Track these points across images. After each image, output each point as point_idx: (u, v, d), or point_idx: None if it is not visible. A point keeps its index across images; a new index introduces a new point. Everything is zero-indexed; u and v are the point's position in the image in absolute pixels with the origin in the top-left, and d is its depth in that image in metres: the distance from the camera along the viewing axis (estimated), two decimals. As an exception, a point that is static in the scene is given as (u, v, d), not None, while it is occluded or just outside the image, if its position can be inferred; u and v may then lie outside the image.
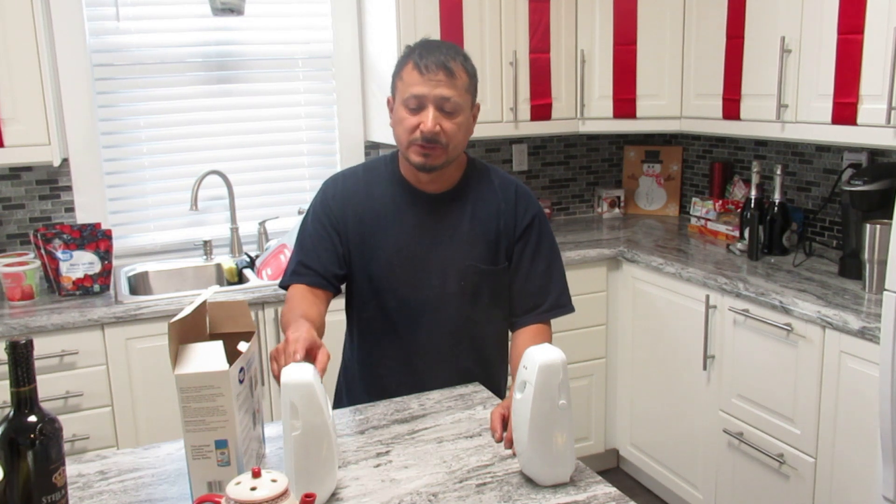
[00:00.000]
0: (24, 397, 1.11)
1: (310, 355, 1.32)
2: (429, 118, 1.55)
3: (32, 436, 1.10)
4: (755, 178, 2.75)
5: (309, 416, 1.22)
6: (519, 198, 1.73)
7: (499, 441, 1.46)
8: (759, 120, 2.62)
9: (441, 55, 1.56)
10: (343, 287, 1.76)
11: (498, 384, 1.82)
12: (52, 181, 2.81)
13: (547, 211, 3.50)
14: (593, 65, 3.12)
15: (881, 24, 2.14)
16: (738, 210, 2.95)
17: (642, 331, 2.89)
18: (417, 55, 1.57)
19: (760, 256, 2.71)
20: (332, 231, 1.69)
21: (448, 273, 1.68)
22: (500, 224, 1.70)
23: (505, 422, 1.47)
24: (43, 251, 2.51)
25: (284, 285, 1.70)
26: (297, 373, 1.23)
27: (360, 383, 1.79)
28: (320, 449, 1.23)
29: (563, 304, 1.77)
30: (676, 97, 3.04)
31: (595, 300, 2.99)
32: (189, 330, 1.29)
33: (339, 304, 1.80)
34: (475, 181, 1.72)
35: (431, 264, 1.68)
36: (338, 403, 1.80)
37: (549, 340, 1.70)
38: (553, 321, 1.76)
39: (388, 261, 1.68)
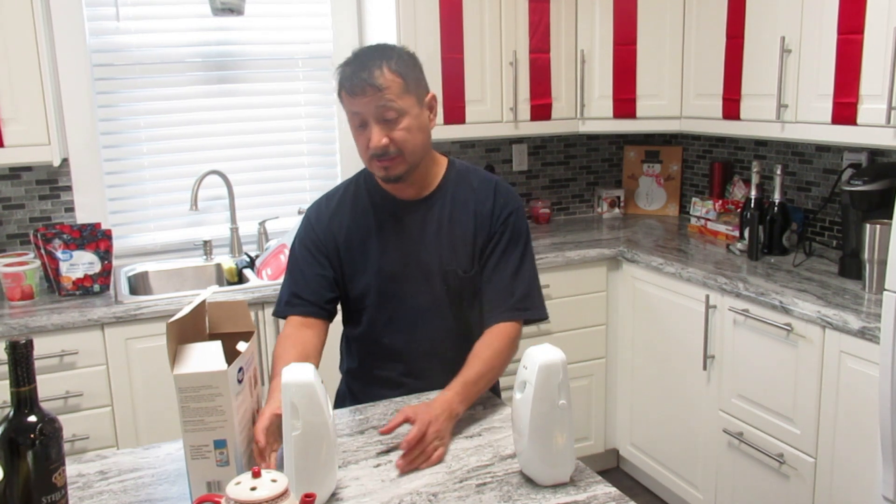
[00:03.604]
0: (24, 397, 1.11)
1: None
2: (373, 135, 1.54)
3: (32, 436, 1.10)
4: (755, 178, 2.75)
5: (309, 416, 1.22)
6: (497, 195, 1.69)
7: (382, 433, 1.45)
8: (759, 120, 2.62)
9: (363, 71, 1.52)
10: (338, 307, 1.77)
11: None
12: (52, 181, 2.81)
13: (546, 211, 3.50)
14: (593, 65, 3.12)
15: (881, 24, 2.14)
16: (738, 210, 2.95)
17: (642, 331, 2.89)
18: (344, 76, 1.55)
19: (760, 256, 2.71)
20: (320, 255, 1.69)
21: (434, 279, 1.67)
22: (477, 223, 1.67)
23: (406, 422, 1.43)
24: (43, 251, 2.51)
25: (279, 316, 1.72)
26: (298, 373, 1.23)
27: (360, 388, 1.78)
28: (320, 449, 1.23)
29: (527, 308, 1.67)
30: (676, 97, 3.04)
31: (595, 300, 2.99)
32: (188, 330, 1.29)
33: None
34: (453, 184, 1.70)
35: (417, 273, 1.67)
36: (340, 404, 1.80)
37: (508, 343, 1.62)
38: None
39: (377, 274, 1.68)
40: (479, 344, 1.61)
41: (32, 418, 1.11)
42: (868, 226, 2.22)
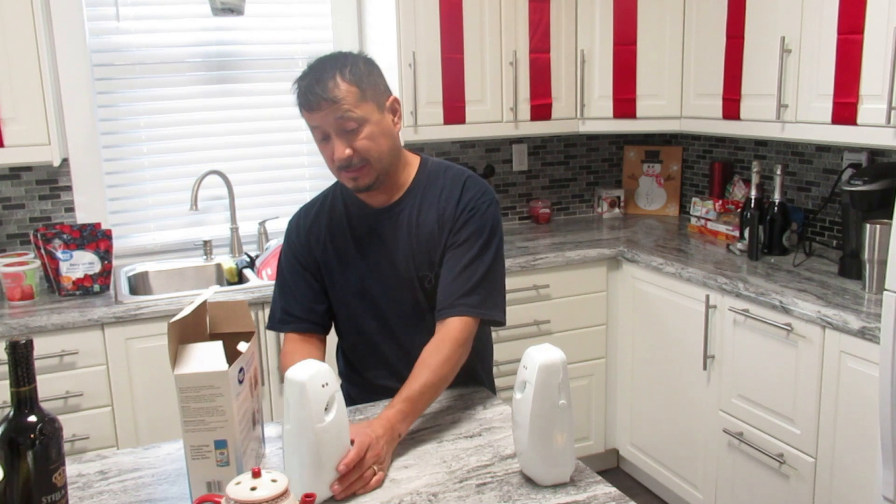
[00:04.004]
0: (24, 397, 1.11)
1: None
2: (336, 147, 1.52)
3: (32, 436, 1.10)
4: (755, 178, 2.75)
5: (299, 413, 1.23)
6: (465, 191, 1.63)
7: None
8: (759, 120, 2.62)
9: (315, 85, 1.49)
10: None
11: (481, 380, 1.79)
12: (52, 181, 2.81)
13: (546, 211, 3.50)
14: (593, 65, 3.12)
15: (881, 24, 2.14)
16: (738, 210, 2.95)
17: (642, 331, 2.89)
18: (300, 92, 1.53)
19: (760, 256, 2.71)
20: (303, 269, 1.69)
21: (412, 286, 1.65)
22: (441, 223, 1.62)
23: (360, 455, 1.31)
24: (43, 251, 2.51)
25: (274, 330, 1.73)
26: (298, 371, 1.24)
27: (357, 393, 1.78)
28: (307, 446, 1.24)
29: (476, 305, 1.57)
30: (676, 97, 3.04)
31: (595, 300, 2.99)
32: (189, 330, 1.29)
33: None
34: (423, 185, 1.66)
35: (397, 279, 1.65)
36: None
37: (457, 346, 1.54)
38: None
39: (358, 284, 1.67)
40: (427, 348, 1.54)
41: (32, 418, 1.11)
42: (868, 226, 2.22)
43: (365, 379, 1.75)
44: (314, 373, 1.24)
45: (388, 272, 1.65)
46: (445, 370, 1.52)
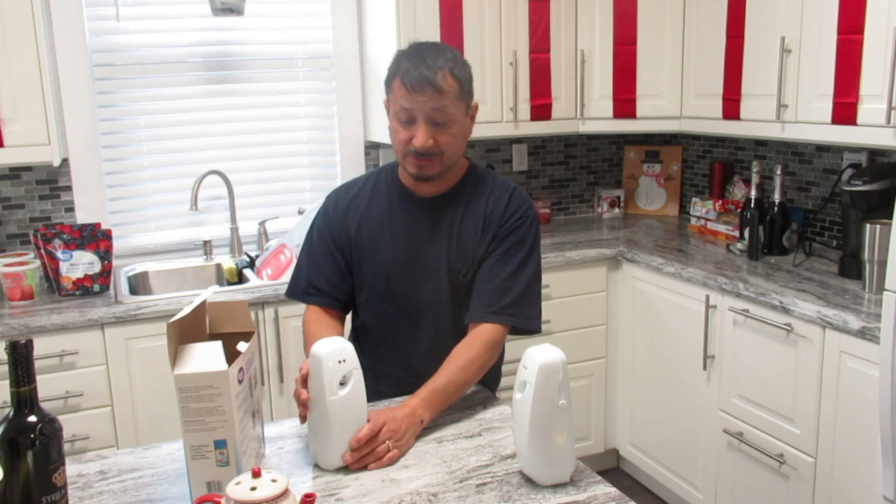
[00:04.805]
0: (24, 397, 1.11)
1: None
2: (420, 134, 1.54)
3: (32, 436, 1.10)
4: (755, 178, 2.75)
5: (316, 385, 1.33)
6: (511, 201, 1.69)
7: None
8: (759, 120, 2.62)
9: (426, 69, 1.51)
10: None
11: (490, 382, 1.80)
12: (52, 181, 2.81)
13: (546, 211, 3.50)
14: (593, 65, 3.12)
15: (881, 24, 2.14)
16: (738, 210, 2.95)
17: (642, 331, 2.89)
18: (404, 70, 1.54)
19: (760, 256, 2.71)
20: (334, 247, 1.72)
21: (439, 277, 1.68)
22: (485, 226, 1.67)
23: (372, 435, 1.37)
24: (43, 251, 2.51)
25: (294, 298, 1.76)
26: (320, 345, 1.33)
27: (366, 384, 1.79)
28: (321, 416, 1.33)
29: (516, 315, 1.63)
30: (676, 97, 3.04)
31: (595, 300, 2.99)
32: (188, 330, 1.29)
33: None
34: (471, 186, 1.71)
35: (425, 269, 1.68)
36: None
37: (487, 348, 1.60)
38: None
39: (385, 267, 1.69)
40: (458, 347, 1.59)
41: (32, 418, 1.11)
42: (868, 226, 2.22)
43: (370, 362, 1.76)
44: (332, 349, 1.33)
45: (418, 261, 1.68)
46: (473, 369, 1.58)
